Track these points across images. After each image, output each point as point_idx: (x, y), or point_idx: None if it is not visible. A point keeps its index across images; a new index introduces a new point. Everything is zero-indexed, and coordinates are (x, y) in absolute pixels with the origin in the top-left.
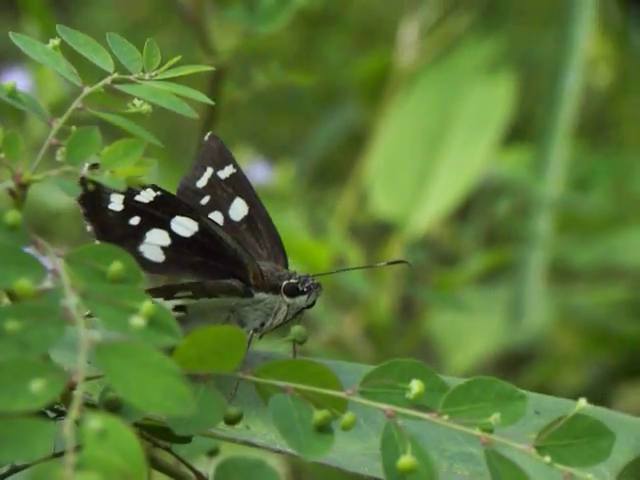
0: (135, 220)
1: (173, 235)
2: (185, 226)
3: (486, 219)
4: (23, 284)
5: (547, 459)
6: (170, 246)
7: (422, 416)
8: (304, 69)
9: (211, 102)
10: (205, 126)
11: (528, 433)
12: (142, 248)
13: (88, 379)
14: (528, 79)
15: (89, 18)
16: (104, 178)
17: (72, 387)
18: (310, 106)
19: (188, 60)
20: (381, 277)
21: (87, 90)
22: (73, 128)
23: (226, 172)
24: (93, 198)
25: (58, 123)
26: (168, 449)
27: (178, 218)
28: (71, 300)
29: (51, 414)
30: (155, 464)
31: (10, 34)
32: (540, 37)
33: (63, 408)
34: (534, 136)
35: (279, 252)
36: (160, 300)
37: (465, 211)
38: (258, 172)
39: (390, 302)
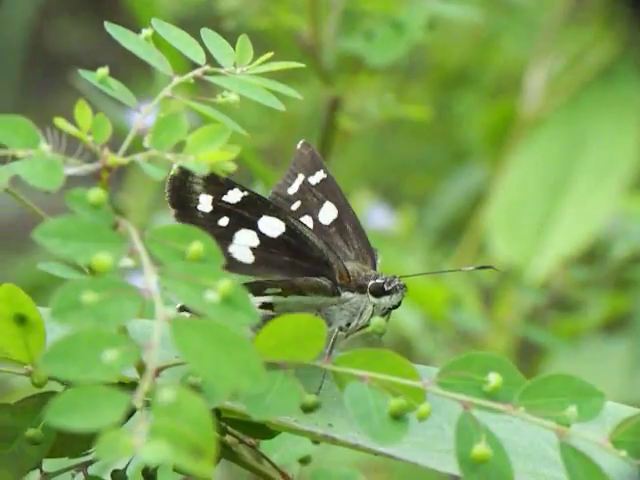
0: (224, 221)
1: (261, 235)
2: (272, 226)
3: (610, 266)
4: (101, 259)
5: (622, 453)
6: (259, 246)
7: (498, 407)
8: (434, 128)
9: (299, 97)
10: None
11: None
12: (232, 249)
13: (168, 366)
14: None
15: None
16: (188, 162)
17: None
18: (438, 163)
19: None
20: (498, 318)
21: (177, 79)
22: (160, 114)
23: (317, 177)
24: (183, 199)
25: (146, 109)
26: (253, 446)
27: (265, 218)
28: (149, 277)
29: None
30: (238, 459)
31: (105, 24)
32: None
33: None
34: None
35: (367, 253)
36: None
37: (589, 257)
38: (378, 217)
39: (507, 344)
